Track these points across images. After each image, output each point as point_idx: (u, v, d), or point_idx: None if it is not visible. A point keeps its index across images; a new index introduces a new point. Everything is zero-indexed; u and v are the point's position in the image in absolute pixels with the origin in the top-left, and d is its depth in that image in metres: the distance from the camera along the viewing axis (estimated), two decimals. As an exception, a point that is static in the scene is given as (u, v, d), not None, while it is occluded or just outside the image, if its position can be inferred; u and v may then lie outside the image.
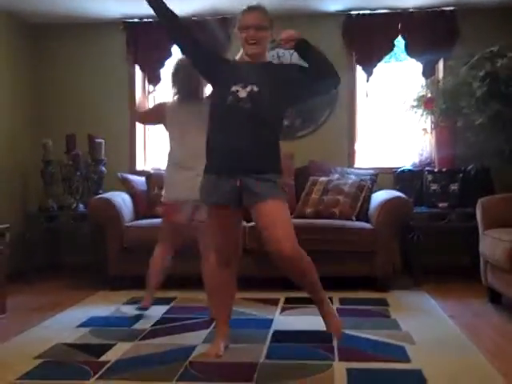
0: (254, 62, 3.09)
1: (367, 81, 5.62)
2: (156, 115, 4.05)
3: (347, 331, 3.44)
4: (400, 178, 5.44)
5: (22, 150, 5.61)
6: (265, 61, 3.18)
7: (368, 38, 5.55)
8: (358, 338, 3.42)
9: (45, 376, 2.91)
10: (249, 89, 2.97)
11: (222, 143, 3.04)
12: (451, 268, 5.24)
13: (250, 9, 3.11)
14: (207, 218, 3.27)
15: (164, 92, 4.60)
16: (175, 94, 3.93)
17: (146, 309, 3.97)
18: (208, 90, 3.89)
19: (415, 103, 5.36)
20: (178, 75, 3.92)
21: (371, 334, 3.49)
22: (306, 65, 3.15)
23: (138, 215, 5.09)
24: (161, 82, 5.81)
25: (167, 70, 5.51)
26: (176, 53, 5.68)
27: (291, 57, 5.67)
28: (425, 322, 3.79)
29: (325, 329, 3.31)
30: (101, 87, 5.88)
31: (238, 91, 2.97)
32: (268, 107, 3.02)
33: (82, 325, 3.82)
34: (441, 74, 5.61)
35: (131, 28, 5.75)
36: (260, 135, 3.02)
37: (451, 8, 5.44)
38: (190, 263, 4.15)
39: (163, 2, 3.22)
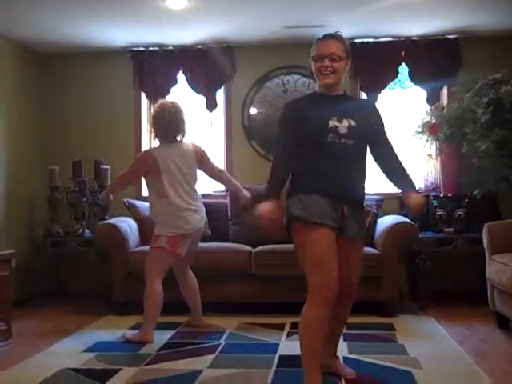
0: (333, 94, 2.96)
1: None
2: (146, 167, 4.10)
3: (354, 356, 3.42)
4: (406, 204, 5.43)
5: (28, 176, 5.65)
6: (343, 93, 3.03)
7: (372, 65, 5.59)
8: (365, 363, 3.40)
9: (50, 400, 2.91)
10: (346, 124, 2.86)
11: (329, 172, 2.88)
12: (458, 293, 5.21)
13: (326, 37, 2.93)
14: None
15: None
16: (157, 137, 4.12)
17: (152, 342, 3.96)
18: (186, 135, 4.14)
19: (420, 129, 5.39)
20: (160, 118, 4.07)
21: (378, 359, 3.48)
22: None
23: (143, 241, 5.10)
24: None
25: (172, 98, 5.60)
26: (180, 81, 5.76)
27: (296, 83, 5.75)
28: (432, 347, 3.76)
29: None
30: (107, 114, 5.94)
31: (337, 127, 2.85)
32: (365, 140, 2.97)
33: (88, 350, 3.81)
34: (445, 101, 5.65)
35: (137, 56, 5.81)
36: (361, 169, 2.99)
37: (455, 36, 5.50)
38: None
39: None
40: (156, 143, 4.26)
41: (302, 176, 2.90)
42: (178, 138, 4.12)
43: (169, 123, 4.06)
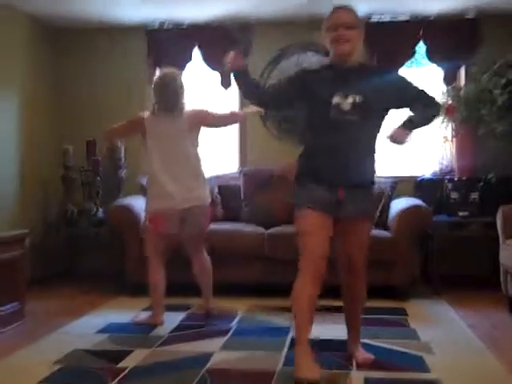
0: (347, 65, 2.93)
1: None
2: (133, 128, 4.09)
3: (365, 341, 3.42)
4: (420, 186, 5.40)
5: (42, 155, 5.66)
6: (357, 63, 2.98)
7: (389, 44, 5.50)
8: (377, 348, 3.39)
9: (63, 382, 2.94)
10: (351, 100, 2.85)
11: (331, 156, 2.92)
12: (471, 277, 5.19)
13: (337, 8, 2.95)
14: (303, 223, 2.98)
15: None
16: (155, 105, 4.02)
17: (162, 325, 3.96)
18: (187, 102, 4.03)
19: (436, 110, 5.32)
20: (159, 88, 4.00)
21: (390, 344, 3.48)
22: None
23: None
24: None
25: (186, 74, 5.57)
26: (195, 57, 5.72)
27: (311, 61, 5.67)
28: (444, 331, 3.75)
29: (343, 338, 3.30)
30: (121, 92, 5.90)
31: (339, 104, 2.85)
32: (373, 116, 2.94)
33: (101, 331, 3.84)
34: (462, 81, 5.57)
35: (152, 33, 5.77)
36: (367, 147, 2.98)
37: (473, 15, 5.40)
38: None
39: (254, 84, 3.18)
40: None
41: (304, 157, 3.04)
42: (177, 109, 3.98)
43: (166, 94, 3.95)
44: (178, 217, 3.94)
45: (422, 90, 3.03)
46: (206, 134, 4.39)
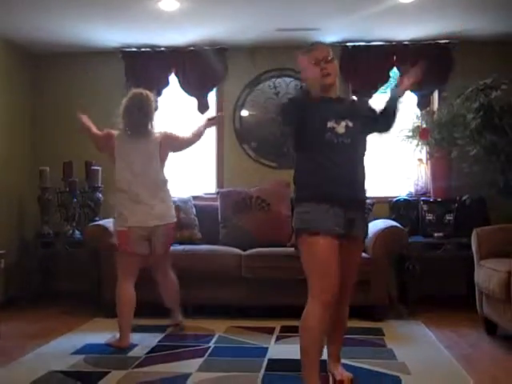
0: (331, 95, 3.07)
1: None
2: (104, 142, 4.09)
3: (343, 360, 3.42)
4: (396, 208, 5.47)
5: (19, 176, 5.63)
6: (339, 95, 3.16)
7: (364, 69, 5.62)
8: (354, 367, 3.40)
9: (38, 403, 2.90)
10: (344, 124, 2.96)
11: (334, 179, 2.93)
12: (447, 298, 5.23)
13: (314, 45, 3.16)
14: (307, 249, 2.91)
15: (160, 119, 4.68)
16: (125, 126, 4.03)
17: (128, 348, 3.87)
18: (155, 125, 4.07)
19: (410, 133, 5.42)
20: (129, 109, 4.02)
21: (367, 364, 3.49)
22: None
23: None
24: (158, 110, 5.84)
25: (163, 99, 5.59)
26: (171, 82, 5.75)
27: (288, 86, 5.75)
28: (421, 352, 3.78)
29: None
30: (99, 115, 5.86)
31: (334, 128, 2.94)
32: (361, 141, 3.08)
33: (77, 352, 3.81)
34: (436, 105, 5.68)
35: (130, 57, 5.79)
36: (361, 168, 3.06)
37: (446, 41, 5.53)
38: (187, 292, 4.17)
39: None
40: None
41: (304, 182, 2.99)
42: (145, 131, 4.02)
43: (135, 115, 3.98)
44: (145, 236, 3.95)
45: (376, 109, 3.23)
46: (182, 155, 4.41)
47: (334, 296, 2.82)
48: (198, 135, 4.26)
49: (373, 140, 3.22)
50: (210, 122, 4.39)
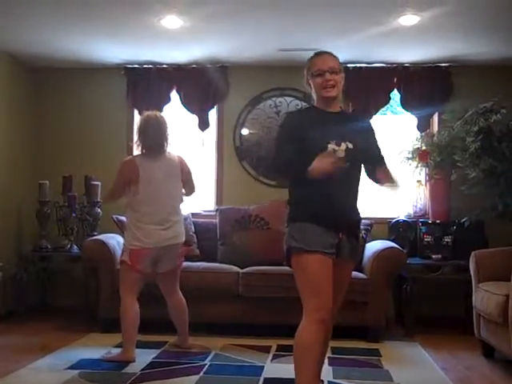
0: (331, 110, 2.98)
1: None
2: (128, 175, 4.03)
3: (339, 381, 3.41)
4: (394, 229, 5.47)
5: (18, 189, 5.62)
6: (341, 108, 3.08)
7: (364, 90, 5.65)
8: (350, 388, 3.39)
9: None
10: (344, 147, 2.87)
11: (330, 201, 2.88)
12: (444, 320, 5.21)
13: (321, 53, 3.01)
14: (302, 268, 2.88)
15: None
16: (142, 148, 4.08)
17: (133, 361, 3.91)
18: (171, 144, 4.11)
19: (410, 155, 5.44)
20: (147, 130, 4.05)
21: (363, 385, 3.47)
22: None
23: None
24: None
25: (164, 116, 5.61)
26: (172, 98, 5.78)
27: (288, 105, 5.78)
28: (417, 373, 3.77)
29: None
30: (99, 130, 5.94)
31: (335, 151, 2.85)
32: (359, 161, 2.99)
33: (71, 367, 3.78)
34: (435, 128, 5.71)
35: (132, 73, 5.83)
36: (355, 189, 3.01)
37: (446, 64, 5.58)
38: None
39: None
40: None
41: (299, 202, 2.93)
42: (163, 150, 4.08)
43: (153, 135, 4.03)
44: (155, 255, 3.99)
45: (383, 157, 3.10)
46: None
47: (328, 313, 2.80)
48: (190, 191, 4.31)
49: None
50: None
